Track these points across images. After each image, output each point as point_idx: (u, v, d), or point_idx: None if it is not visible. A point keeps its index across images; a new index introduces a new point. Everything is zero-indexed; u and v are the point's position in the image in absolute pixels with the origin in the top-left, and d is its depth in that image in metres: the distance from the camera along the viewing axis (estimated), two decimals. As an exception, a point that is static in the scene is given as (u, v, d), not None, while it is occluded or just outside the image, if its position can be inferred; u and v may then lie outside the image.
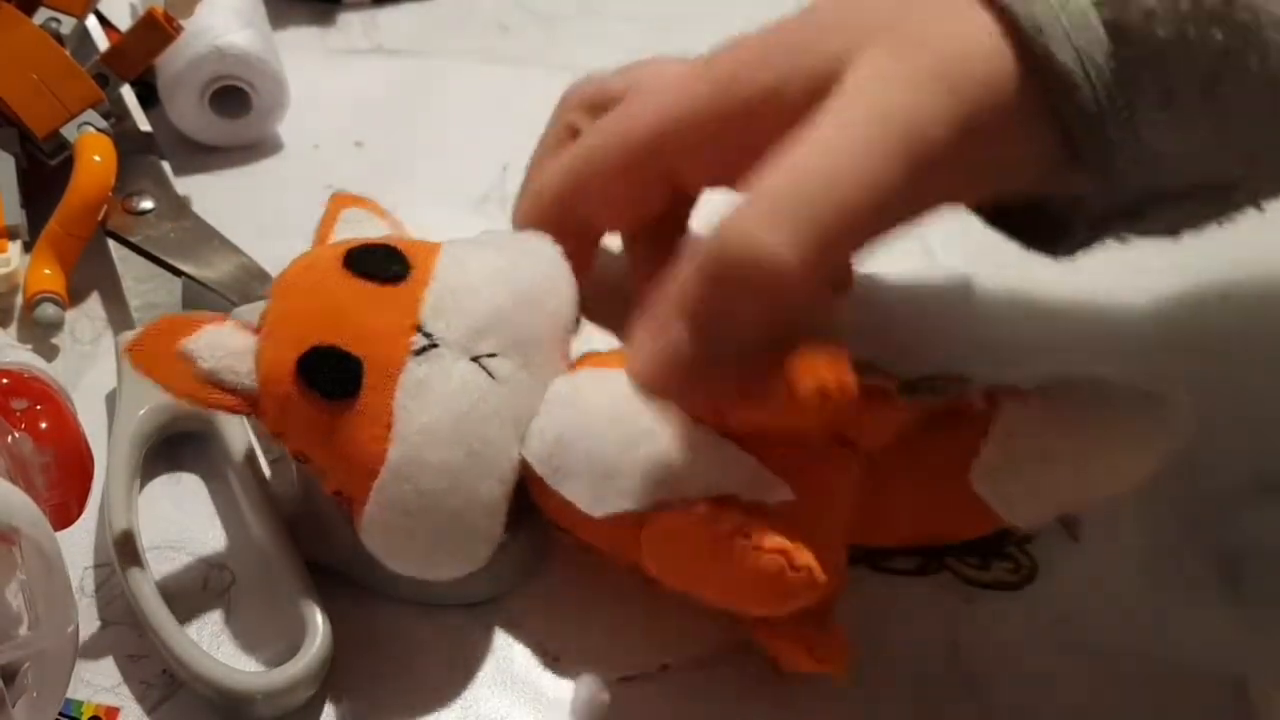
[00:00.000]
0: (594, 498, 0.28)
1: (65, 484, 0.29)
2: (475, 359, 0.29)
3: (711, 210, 0.28)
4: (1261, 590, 0.32)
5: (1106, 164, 0.28)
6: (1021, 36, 0.27)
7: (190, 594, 0.31)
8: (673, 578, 0.28)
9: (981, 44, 0.27)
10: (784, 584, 0.26)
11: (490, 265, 0.31)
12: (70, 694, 0.28)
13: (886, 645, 0.31)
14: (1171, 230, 0.32)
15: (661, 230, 0.34)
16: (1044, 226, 0.32)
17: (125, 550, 0.30)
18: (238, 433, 0.33)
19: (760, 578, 0.26)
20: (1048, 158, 0.28)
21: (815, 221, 0.25)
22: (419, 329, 0.29)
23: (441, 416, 0.28)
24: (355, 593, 0.31)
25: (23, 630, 0.26)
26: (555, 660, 0.30)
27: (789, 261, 0.25)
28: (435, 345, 0.29)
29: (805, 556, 0.26)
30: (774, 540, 0.26)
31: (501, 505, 0.29)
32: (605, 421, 0.29)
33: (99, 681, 0.29)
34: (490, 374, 0.29)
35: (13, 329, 0.38)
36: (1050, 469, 0.29)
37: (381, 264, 0.30)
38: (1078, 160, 0.28)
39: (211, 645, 0.30)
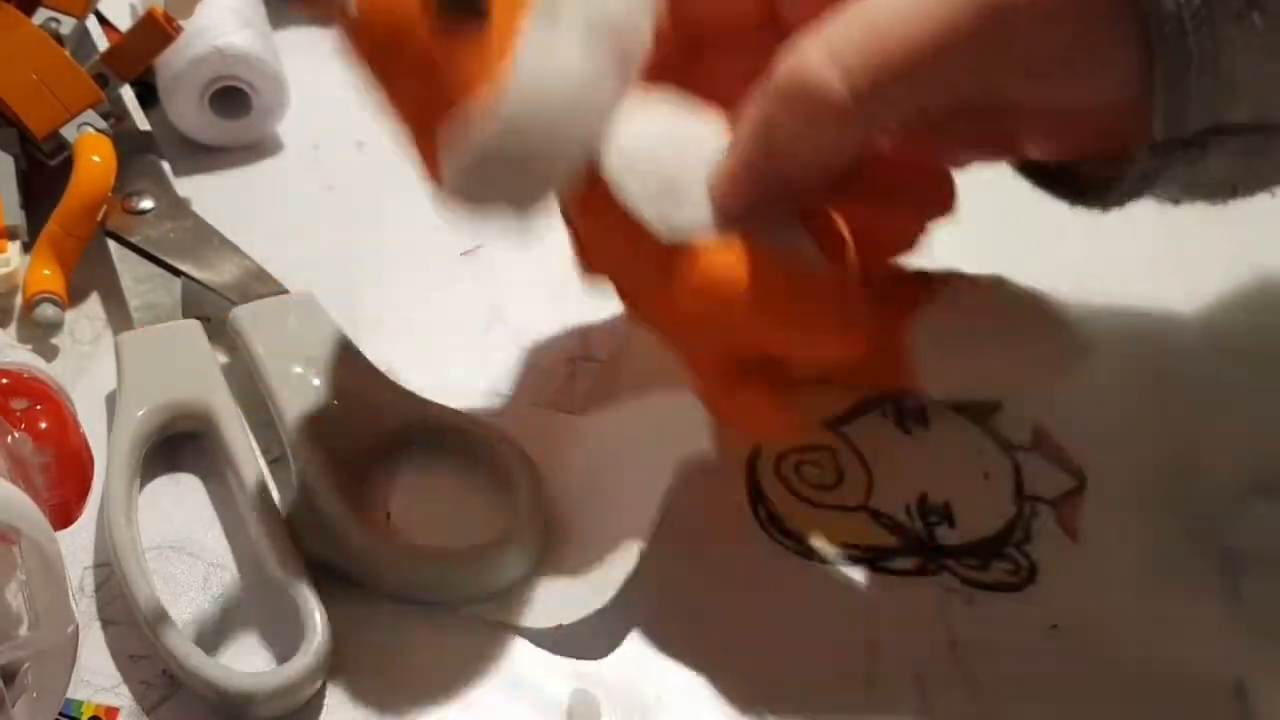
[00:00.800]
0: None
1: (65, 484, 0.29)
2: None
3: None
4: (1261, 591, 0.32)
5: (1180, 75, 0.27)
6: None
7: (190, 594, 0.31)
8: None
9: None
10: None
11: None
12: (70, 694, 0.28)
13: (886, 645, 0.31)
14: (1219, 190, 0.31)
15: None
16: (1090, 181, 0.31)
17: (124, 551, 0.30)
18: (237, 433, 0.33)
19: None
20: (1120, 73, 0.27)
21: (871, 53, 0.26)
22: None
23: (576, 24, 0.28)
24: (355, 592, 0.31)
25: (23, 630, 0.26)
26: (558, 660, 0.30)
27: (839, 91, 0.26)
28: None
29: None
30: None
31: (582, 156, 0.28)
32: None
33: (99, 681, 0.29)
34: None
35: (12, 329, 0.38)
36: (965, 343, 0.32)
37: None
38: (1151, 74, 0.27)
39: (212, 645, 0.30)
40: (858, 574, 0.32)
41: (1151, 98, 0.27)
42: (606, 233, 0.30)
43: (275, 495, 0.32)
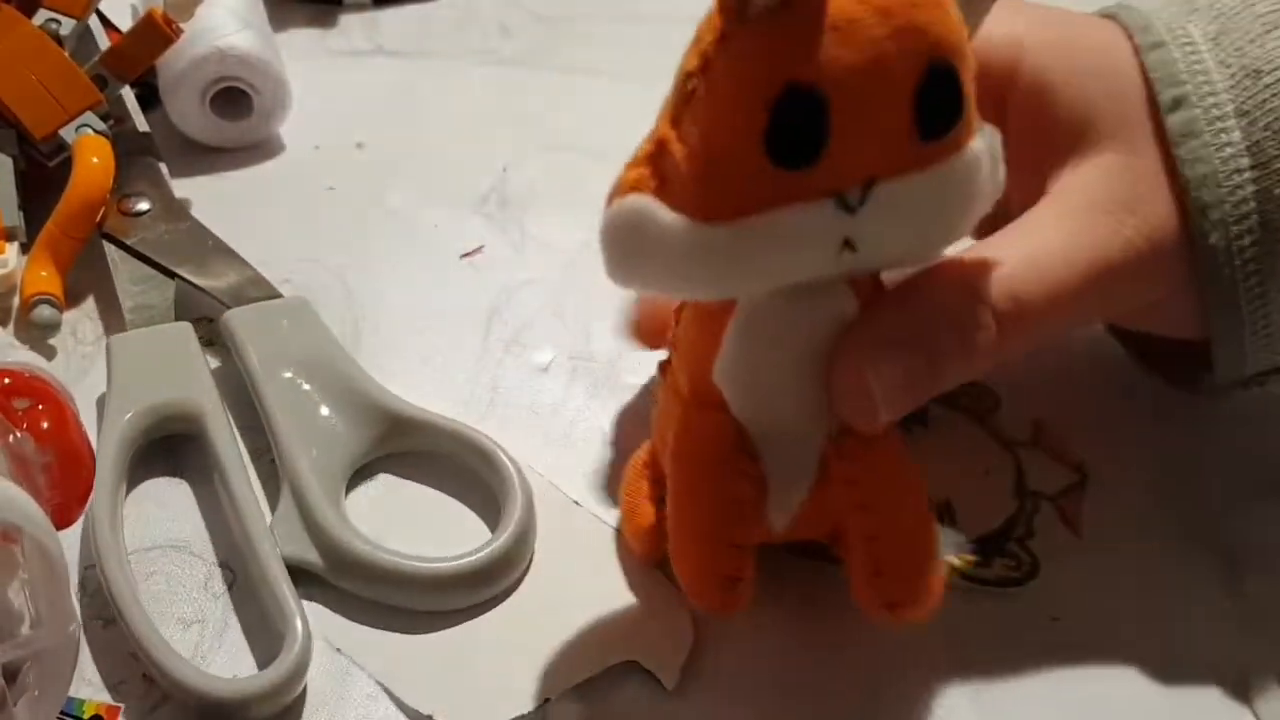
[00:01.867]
0: None
1: (66, 484, 0.29)
2: None
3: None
4: (1261, 589, 0.32)
5: (1237, 340, 0.30)
6: (1188, 212, 0.29)
7: (191, 593, 0.31)
8: None
9: (1163, 213, 0.29)
10: None
11: None
12: (72, 693, 0.28)
13: (887, 643, 0.31)
14: None
15: None
16: (1180, 369, 0.34)
17: (107, 555, 0.30)
18: (225, 437, 0.33)
19: None
20: (1196, 323, 0.31)
21: (1009, 306, 0.28)
22: None
23: None
24: (339, 598, 0.31)
25: (24, 629, 0.26)
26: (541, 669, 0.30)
27: (989, 337, 0.28)
28: None
29: None
30: None
31: None
32: None
33: (100, 680, 0.29)
34: None
35: (9, 330, 0.38)
36: None
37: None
38: (1211, 330, 0.30)
39: (213, 644, 0.30)
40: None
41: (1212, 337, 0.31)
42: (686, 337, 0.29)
43: (262, 499, 0.32)
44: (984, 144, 0.25)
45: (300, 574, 0.31)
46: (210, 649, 0.30)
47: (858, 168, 0.23)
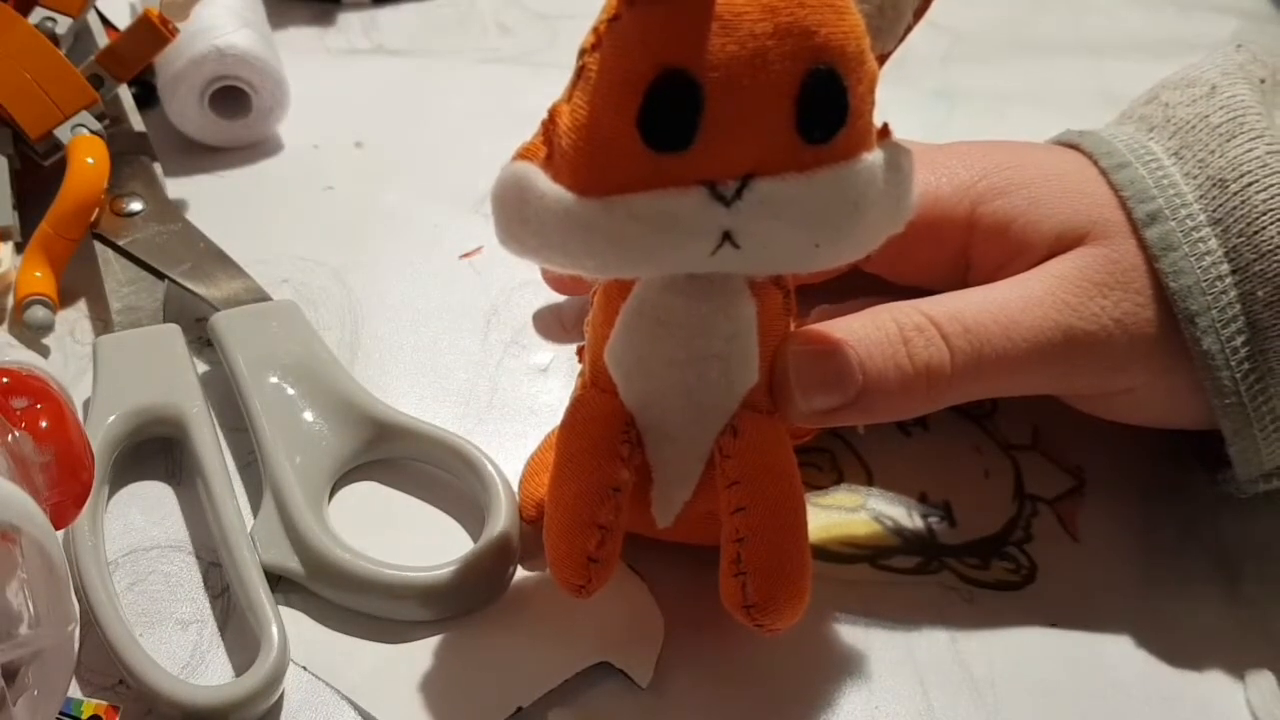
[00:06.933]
0: None
1: (65, 483, 0.29)
2: None
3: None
4: (1258, 592, 0.32)
5: (1249, 436, 0.31)
6: (1176, 319, 0.30)
7: (191, 593, 0.31)
8: None
9: (1138, 305, 0.30)
10: None
11: None
12: (70, 692, 0.28)
13: (886, 645, 0.31)
14: None
15: None
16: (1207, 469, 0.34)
17: (85, 559, 0.30)
18: (208, 441, 0.33)
19: None
20: (1191, 415, 0.31)
21: (972, 347, 0.29)
22: None
23: None
24: (318, 605, 0.31)
25: (23, 629, 0.26)
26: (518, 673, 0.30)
27: (945, 369, 0.29)
28: None
29: None
30: None
31: None
32: None
33: (99, 680, 0.29)
34: None
35: (4, 330, 0.37)
36: None
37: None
38: (1223, 429, 0.31)
39: (211, 644, 0.30)
40: (858, 573, 0.32)
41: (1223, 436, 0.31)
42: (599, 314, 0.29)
43: (244, 504, 0.32)
44: (883, 160, 0.24)
45: (283, 580, 0.31)
46: (210, 648, 0.30)
47: (733, 160, 0.23)
